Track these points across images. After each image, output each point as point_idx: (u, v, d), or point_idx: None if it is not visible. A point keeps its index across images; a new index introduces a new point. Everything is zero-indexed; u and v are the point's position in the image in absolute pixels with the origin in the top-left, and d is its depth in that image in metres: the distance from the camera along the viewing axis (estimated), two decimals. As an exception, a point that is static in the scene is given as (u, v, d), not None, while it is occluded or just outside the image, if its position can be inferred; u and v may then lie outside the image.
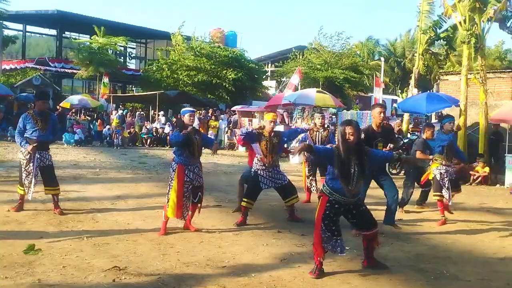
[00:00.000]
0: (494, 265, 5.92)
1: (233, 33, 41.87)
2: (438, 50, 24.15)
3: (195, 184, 6.88)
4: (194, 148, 6.84)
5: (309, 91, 20.78)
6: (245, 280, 4.96)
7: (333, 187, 5.20)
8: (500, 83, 17.11)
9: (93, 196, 9.37)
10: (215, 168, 15.49)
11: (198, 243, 6.33)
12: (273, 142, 7.61)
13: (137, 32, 38.47)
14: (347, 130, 5.13)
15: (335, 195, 5.18)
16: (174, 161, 6.86)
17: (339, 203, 5.20)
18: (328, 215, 5.18)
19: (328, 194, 5.21)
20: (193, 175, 6.83)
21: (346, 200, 5.21)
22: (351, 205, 5.28)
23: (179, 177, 6.67)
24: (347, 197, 5.19)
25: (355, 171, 5.13)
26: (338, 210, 5.22)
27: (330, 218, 5.18)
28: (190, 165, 6.82)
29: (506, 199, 11.74)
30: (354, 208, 5.32)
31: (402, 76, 38.80)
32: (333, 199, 5.19)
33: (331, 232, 5.18)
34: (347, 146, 5.14)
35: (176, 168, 6.73)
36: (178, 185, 6.64)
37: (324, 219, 5.17)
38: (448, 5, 16.54)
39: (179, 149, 6.81)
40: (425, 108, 15.43)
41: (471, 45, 15.53)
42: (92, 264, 5.26)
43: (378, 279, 5.18)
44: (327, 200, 5.20)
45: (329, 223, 5.18)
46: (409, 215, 8.82)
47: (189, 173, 6.78)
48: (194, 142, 6.84)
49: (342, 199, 5.19)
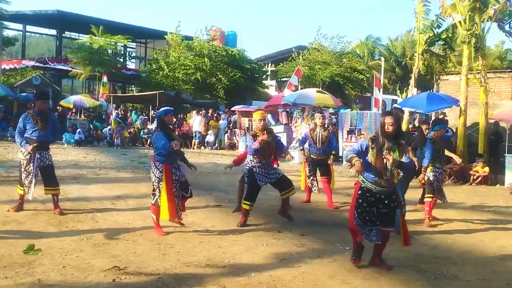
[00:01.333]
0: (494, 265, 5.92)
1: (233, 33, 41.90)
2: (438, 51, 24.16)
3: (182, 179, 6.85)
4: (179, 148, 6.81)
5: (309, 91, 20.77)
6: (245, 280, 4.96)
7: (366, 175, 5.34)
8: (500, 83, 17.11)
9: (93, 196, 9.37)
10: (215, 168, 15.50)
11: (198, 243, 6.32)
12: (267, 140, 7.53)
13: (137, 32, 38.43)
14: (387, 121, 5.28)
15: (367, 182, 5.33)
16: (158, 161, 6.71)
17: (370, 191, 5.33)
18: (360, 204, 5.35)
19: (360, 181, 5.39)
20: (177, 171, 6.80)
21: (378, 189, 5.32)
22: (383, 195, 5.38)
23: (167, 178, 6.59)
24: (380, 186, 5.31)
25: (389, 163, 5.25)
26: (369, 199, 5.34)
27: (363, 208, 5.34)
28: (174, 163, 6.82)
29: (506, 199, 11.75)
30: (386, 198, 5.41)
31: (402, 76, 38.74)
32: (364, 187, 5.34)
33: (363, 221, 5.33)
34: (386, 136, 5.27)
35: (163, 168, 6.62)
36: (168, 186, 6.57)
37: (357, 207, 5.37)
38: (447, 5, 16.53)
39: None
40: (426, 108, 15.42)
41: (471, 45, 15.53)
42: (92, 264, 5.26)
43: (378, 279, 5.19)
44: (359, 187, 5.38)
45: (362, 212, 5.34)
46: (409, 215, 8.78)
47: (176, 171, 6.76)
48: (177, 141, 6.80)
49: (374, 188, 5.31)
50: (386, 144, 5.24)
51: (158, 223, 6.73)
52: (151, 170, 6.78)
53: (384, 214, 5.41)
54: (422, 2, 18.13)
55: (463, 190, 12.48)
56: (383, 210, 5.40)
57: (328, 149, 9.44)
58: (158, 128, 7.02)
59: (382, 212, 5.41)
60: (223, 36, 39.79)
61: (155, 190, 6.72)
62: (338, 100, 21.88)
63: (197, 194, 10.05)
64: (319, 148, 9.38)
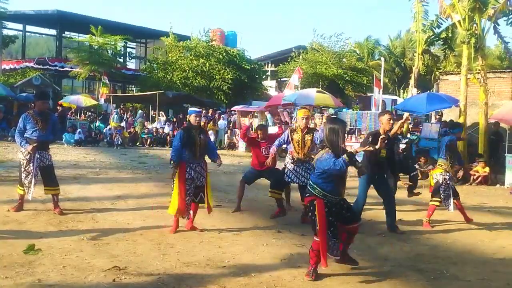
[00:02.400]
0: (494, 265, 5.92)
1: (233, 33, 41.86)
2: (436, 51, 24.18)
3: (197, 183, 6.87)
4: (196, 149, 6.83)
5: (309, 91, 20.78)
6: (245, 280, 4.96)
7: (327, 189, 5.11)
8: (500, 83, 17.13)
9: (93, 196, 9.37)
10: (215, 168, 15.38)
11: (198, 243, 6.33)
12: (305, 138, 7.68)
13: (137, 32, 38.45)
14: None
15: (329, 196, 5.12)
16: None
17: (333, 204, 5.16)
18: (331, 222, 5.12)
19: (322, 196, 5.12)
20: (194, 173, 6.82)
21: (337, 199, 5.21)
22: (341, 202, 5.28)
23: (180, 174, 6.70)
24: (340, 196, 5.23)
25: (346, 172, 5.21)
26: (334, 212, 5.16)
27: (333, 224, 5.14)
28: (192, 163, 6.83)
29: (506, 199, 11.75)
30: (344, 202, 5.34)
31: (402, 76, 38.78)
32: (327, 201, 5.12)
33: (335, 237, 5.14)
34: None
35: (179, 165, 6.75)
36: (180, 181, 6.67)
37: (329, 226, 5.10)
38: (446, 5, 16.54)
39: (178, 150, 6.79)
40: (425, 108, 15.44)
41: (471, 45, 15.54)
42: (92, 264, 5.26)
43: (378, 279, 5.19)
44: (323, 203, 5.10)
45: (334, 230, 5.14)
46: (409, 216, 8.82)
47: (191, 171, 6.78)
48: (196, 142, 6.82)
49: (335, 199, 5.17)
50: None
51: (176, 219, 6.83)
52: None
53: (348, 213, 5.35)
54: (421, 1, 18.16)
55: (463, 190, 12.44)
56: (347, 214, 5.32)
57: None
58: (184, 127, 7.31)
59: (347, 212, 5.34)
60: (223, 36, 39.75)
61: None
62: (338, 100, 21.88)
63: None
64: (318, 148, 9.37)
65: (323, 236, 5.03)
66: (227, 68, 31.42)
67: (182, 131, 6.96)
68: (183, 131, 6.93)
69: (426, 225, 7.95)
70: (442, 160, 8.17)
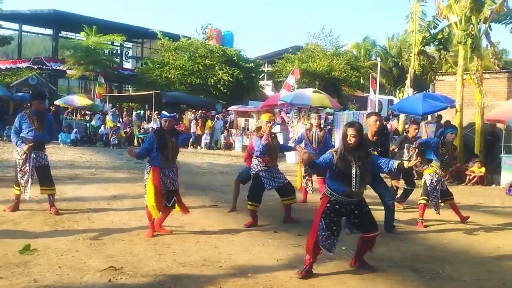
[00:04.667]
0: (489, 265, 5.94)
1: (230, 33, 41.88)
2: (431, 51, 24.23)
3: (170, 188, 6.74)
4: (169, 152, 6.67)
5: (306, 91, 20.77)
6: (241, 280, 4.96)
7: (333, 188, 5.18)
8: (496, 83, 17.15)
9: (89, 196, 9.35)
10: (212, 168, 15.50)
11: (194, 243, 6.32)
12: (272, 142, 7.66)
13: (133, 32, 38.36)
14: (349, 132, 5.15)
15: (336, 195, 5.16)
16: (148, 164, 6.72)
17: (340, 203, 5.18)
18: (328, 215, 5.15)
19: (328, 195, 5.20)
20: (167, 179, 6.68)
21: (348, 200, 5.19)
22: (353, 205, 5.25)
23: (154, 178, 6.51)
24: (350, 197, 5.18)
25: (357, 172, 5.12)
26: (339, 210, 5.19)
27: (331, 218, 5.16)
28: (165, 169, 6.68)
29: (502, 199, 11.79)
30: (356, 208, 5.28)
31: (399, 76, 38.82)
32: (333, 200, 5.17)
33: (331, 231, 5.15)
34: (348, 148, 5.15)
35: (151, 170, 6.58)
36: (155, 184, 6.49)
37: (325, 218, 5.15)
38: (443, 6, 16.58)
39: (154, 153, 6.62)
40: (422, 109, 15.47)
41: (467, 46, 15.57)
42: (88, 264, 5.25)
43: (374, 279, 5.19)
44: (328, 200, 5.19)
45: (330, 223, 5.15)
46: (405, 215, 8.83)
47: (164, 178, 6.63)
48: (168, 145, 6.66)
49: (344, 200, 5.17)
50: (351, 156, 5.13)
51: (152, 223, 6.67)
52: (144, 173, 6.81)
53: (362, 221, 5.34)
54: (419, 1, 18.20)
55: (459, 190, 12.49)
56: (357, 220, 5.32)
57: (324, 149, 9.40)
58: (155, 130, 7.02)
59: (360, 220, 5.33)
60: (220, 36, 39.76)
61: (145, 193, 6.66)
62: (335, 101, 21.90)
63: (193, 194, 10.10)
64: (315, 148, 9.40)
65: (313, 229, 5.14)
66: (224, 68, 31.41)
67: (153, 134, 6.76)
68: (155, 134, 6.72)
69: (420, 225, 7.97)
70: (435, 161, 8.19)
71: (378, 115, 7.71)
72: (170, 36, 34.00)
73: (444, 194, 8.19)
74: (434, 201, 8.08)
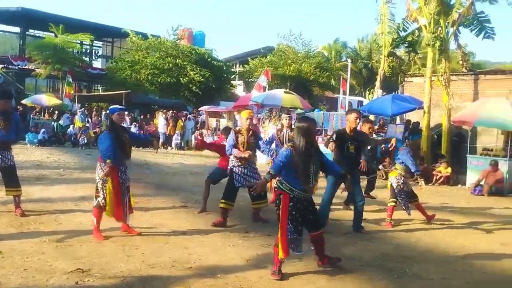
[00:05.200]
0: (455, 264, 6.05)
1: (201, 33, 41.71)
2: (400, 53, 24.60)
3: (127, 184, 6.66)
4: (126, 148, 6.57)
5: (277, 92, 20.85)
6: (211, 281, 4.94)
7: (293, 184, 5.19)
8: (463, 85, 17.51)
9: (56, 197, 9.19)
10: (182, 169, 15.42)
11: (163, 244, 6.28)
12: (250, 140, 7.64)
13: (103, 31, 37.86)
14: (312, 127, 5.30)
15: (295, 191, 5.18)
16: (103, 162, 6.42)
17: (299, 200, 5.21)
18: (294, 216, 5.18)
19: (288, 191, 5.19)
20: (124, 175, 6.59)
21: (305, 196, 5.25)
22: (307, 202, 5.32)
23: (113, 179, 6.36)
24: (306, 193, 5.25)
25: (313, 169, 5.21)
26: (299, 208, 5.22)
27: (296, 219, 5.19)
28: (122, 165, 6.58)
29: (467, 199, 12.04)
30: (310, 205, 5.37)
31: (369, 77, 39.31)
32: (293, 196, 5.18)
33: (298, 232, 5.20)
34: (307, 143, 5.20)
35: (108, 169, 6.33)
36: (114, 184, 6.35)
37: (292, 220, 5.17)
38: (413, 8, 16.86)
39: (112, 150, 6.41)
40: (391, 110, 15.71)
41: (436, 48, 15.87)
42: (55, 266, 5.16)
43: (342, 279, 5.24)
44: (289, 197, 5.18)
45: (297, 225, 5.19)
46: (374, 215, 8.95)
47: (121, 174, 6.53)
48: (126, 142, 6.56)
49: (302, 196, 5.21)
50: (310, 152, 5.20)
51: (98, 226, 6.49)
52: (96, 171, 6.53)
53: (313, 218, 5.41)
54: (387, 3, 18.48)
55: (426, 190, 12.62)
56: (310, 216, 5.36)
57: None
58: (107, 127, 6.72)
59: (313, 216, 5.39)
60: (191, 36, 39.57)
61: (98, 191, 6.47)
62: (306, 102, 22.04)
63: (163, 194, 10.04)
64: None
65: (283, 228, 5.12)
66: (196, 68, 31.28)
67: (109, 133, 6.48)
68: (111, 133, 6.47)
69: (388, 224, 8.08)
70: (399, 164, 8.30)
71: (359, 113, 7.81)
72: (144, 37, 33.71)
73: (409, 196, 8.33)
74: (403, 203, 8.20)
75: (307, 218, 5.31)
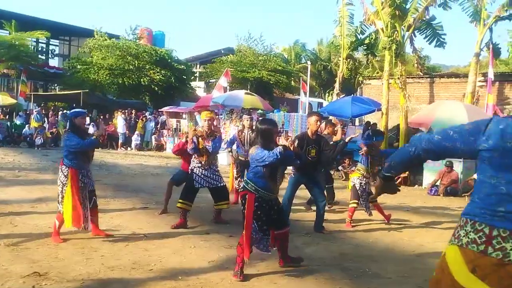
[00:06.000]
0: (413, 262, 6.20)
1: (161, 33, 41.36)
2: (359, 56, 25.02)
3: (90, 188, 6.53)
4: (89, 152, 6.51)
5: (238, 92, 20.84)
6: (171, 284, 4.90)
7: (259, 184, 5.22)
8: (419, 88, 17.96)
9: (12, 199, 8.94)
10: (142, 170, 15.24)
11: (123, 246, 6.19)
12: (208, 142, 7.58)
13: (60, 29, 37.10)
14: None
15: (261, 191, 5.21)
16: (64, 165, 6.36)
17: (264, 200, 5.25)
18: (259, 215, 5.20)
19: (254, 191, 5.22)
20: (86, 179, 6.47)
21: (270, 196, 5.30)
22: (273, 201, 5.38)
23: (73, 183, 6.24)
24: (272, 193, 5.32)
25: (279, 170, 5.27)
26: (264, 208, 5.25)
27: (261, 218, 5.22)
28: (83, 168, 6.46)
29: (424, 199, 12.35)
30: (275, 204, 5.43)
31: (328, 80, 39.75)
32: (259, 196, 5.21)
33: (263, 231, 5.23)
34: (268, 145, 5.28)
35: (69, 172, 6.26)
36: (73, 191, 6.21)
37: (257, 219, 5.19)
38: (371, 12, 17.19)
39: (73, 153, 6.33)
40: (351, 112, 15.94)
41: (392, 51, 16.22)
42: (10, 270, 5.02)
43: (304, 279, 5.29)
44: (255, 198, 5.21)
45: (262, 224, 5.22)
46: (334, 215, 9.07)
47: (83, 178, 6.41)
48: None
49: (267, 195, 5.26)
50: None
51: (58, 230, 6.35)
52: (58, 175, 6.42)
53: (279, 217, 5.46)
54: (347, 5, 18.77)
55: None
56: (275, 216, 5.40)
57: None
58: (69, 130, 6.59)
59: (278, 216, 5.45)
60: (151, 36, 39.18)
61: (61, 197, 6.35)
62: (267, 102, 22.13)
63: (123, 196, 9.90)
64: (247, 149, 9.43)
65: (248, 228, 5.13)
66: (156, 68, 30.98)
67: (74, 134, 6.36)
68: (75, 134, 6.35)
69: (348, 225, 8.20)
70: (361, 165, 8.44)
71: (319, 115, 7.87)
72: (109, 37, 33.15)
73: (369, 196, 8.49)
74: (364, 204, 8.35)
75: (272, 218, 5.35)
